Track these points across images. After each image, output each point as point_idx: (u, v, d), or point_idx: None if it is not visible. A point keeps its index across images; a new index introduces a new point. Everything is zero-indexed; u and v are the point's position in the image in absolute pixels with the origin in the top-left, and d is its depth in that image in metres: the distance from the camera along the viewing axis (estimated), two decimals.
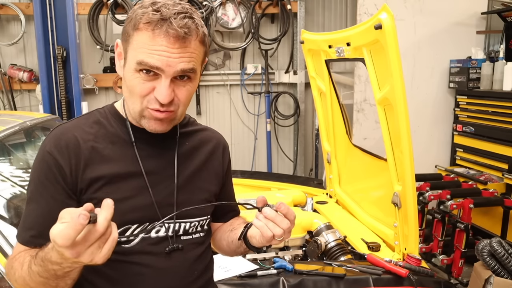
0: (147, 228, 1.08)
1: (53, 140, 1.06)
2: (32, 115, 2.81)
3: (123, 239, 1.07)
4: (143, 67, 0.99)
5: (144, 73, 1.00)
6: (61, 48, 4.07)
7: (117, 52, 1.08)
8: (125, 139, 1.11)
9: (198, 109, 4.86)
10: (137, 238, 1.08)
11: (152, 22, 0.97)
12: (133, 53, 1.00)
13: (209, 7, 4.41)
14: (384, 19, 1.70)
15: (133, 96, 1.03)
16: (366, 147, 2.52)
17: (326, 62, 2.47)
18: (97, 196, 1.03)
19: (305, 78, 4.81)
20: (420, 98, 3.61)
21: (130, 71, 1.01)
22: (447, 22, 3.62)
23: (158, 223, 1.04)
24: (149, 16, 0.97)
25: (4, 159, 2.27)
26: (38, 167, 1.07)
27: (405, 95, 1.77)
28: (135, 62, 0.99)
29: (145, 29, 0.97)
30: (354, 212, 2.57)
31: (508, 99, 3.14)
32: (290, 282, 1.76)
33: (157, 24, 0.96)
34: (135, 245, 1.08)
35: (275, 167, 5.20)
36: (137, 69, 0.99)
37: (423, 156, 3.50)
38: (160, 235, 1.11)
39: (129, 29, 1.01)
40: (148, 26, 0.97)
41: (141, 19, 0.98)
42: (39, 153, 1.08)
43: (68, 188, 1.04)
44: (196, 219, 1.17)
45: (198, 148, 1.22)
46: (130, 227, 1.08)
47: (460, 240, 2.72)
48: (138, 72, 1.00)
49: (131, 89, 1.03)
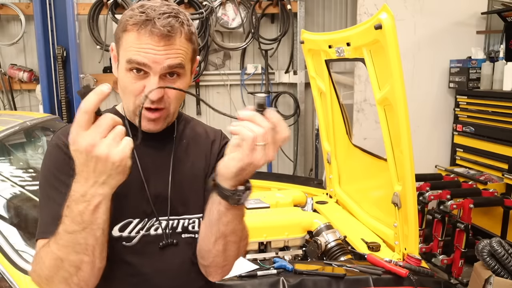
0: (146, 226, 1.09)
1: (63, 135, 1.07)
2: (32, 115, 2.82)
3: (125, 234, 1.07)
4: (132, 66, 1.03)
5: (134, 72, 1.04)
6: (61, 48, 4.07)
7: (112, 55, 1.13)
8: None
9: (198, 109, 4.86)
10: (138, 236, 1.09)
11: (138, 23, 1.02)
12: (123, 53, 1.05)
13: (209, 7, 4.41)
14: (384, 19, 1.70)
15: (126, 95, 1.08)
16: (366, 147, 2.52)
17: (326, 62, 2.47)
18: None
19: (305, 78, 4.81)
20: (420, 98, 3.61)
21: (122, 71, 1.06)
22: (447, 22, 3.61)
23: (155, 220, 1.07)
24: (136, 18, 1.02)
25: (4, 159, 2.27)
26: (50, 161, 1.07)
27: (405, 95, 1.77)
28: (125, 61, 1.03)
29: (132, 30, 1.03)
30: (354, 212, 2.57)
31: (508, 99, 3.14)
32: (290, 282, 1.76)
33: (142, 25, 1.01)
34: (136, 243, 1.09)
35: (275, 167, 5.20)
36: (127, 68, 1.04)
37: (423, 156, 3.50)
38: (158, 232, 1.12)
39: (119, 31, 1.06)
40: (134, 27, 1.02)
41: (128, 21, 1.04)
42: (49, 150, 1.08)
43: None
44: (195, 216, 1.17)
45: (194, 145, 1.23)
46: (130, 223, 1.08)
47: (460, 240, 2.72)
48: (129, 72, 1.04)
49: (124, 88, 1.07)
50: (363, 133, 3.46)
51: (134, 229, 1.09)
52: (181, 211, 1.14)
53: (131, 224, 1.09)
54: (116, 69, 1.11)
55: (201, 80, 4.79)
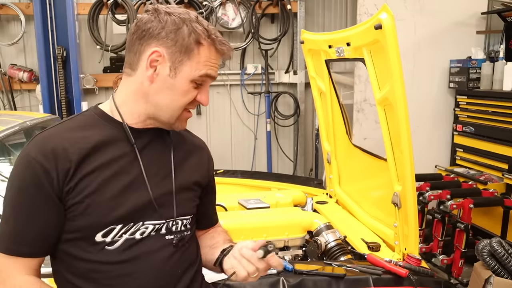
0: (139, 229, 1.12)
1: (38, 146, 1.06)
2: (32, 115, 2.82)
3: (107, 239, 1.09)
4: (205, 79, 1.12)
5: (196, 83, 1.11)
6: (61, 48, 4.07)
7: (152, 59, 1.09)
8: (116, 139, 1.13)
9: (198, 109, 4.86)
10: (121, 239, 1.10)
11: (213, 39, 1.09)
12: (195, 65, 1.09)
13: (209, 7, 4.41)
14: (384, 19, 1.70)
15: (178, 102, 1.12)
16: (366, 147, 2.52)
17: (326, 62, 2.47)
18: (85, 194, 1.06)
19: (305, 78, 4.81)
20: (420, 98, 3.61)
21: (185, 80, 1.10)
22: (447, 22, 3.61)
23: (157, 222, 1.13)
24: (207, 32, 1.09)
25: (4, 159, 2.27)
26: (20, 174, 1.06)
27: (405, 95, 1.77)
28: (198, 75, 1.10)
29: (208, 45, 1.09)
30: (354, 212, 2.57)
31: (508, 99, 3.13)
32: (290, 282, 1.76)
33: (216, 42, 1.10)
34: (120, 246, 1.10)
35: (275, 167, 5.20)
36: (194, 80, 1.10)
37: (423, 156, 3.50)
38: (151, 234, 1.14)
39: (191, 42, 1.08)
40: (211, 43, 1.09)
41: (200, 34, 1.08)
42: (21, 161, 1.07)
43: (54, 193, 1.05)
44: (184, 217, 1.21)
45: (189, 151, 1.28)
46: (115, 228, 1.09)
47: (460, 240, 2.71)
48: (192, 83, 1.10)
49: (181, 96, 1.11)
50: (363, 133, 3.46)
51: (120, 231, 1.10)
52: (173, 214, 1.18)
53: (115, 229, 1.10)
54: (152, 75, 1.09)
55: None
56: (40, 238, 1.07)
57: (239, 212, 2.44)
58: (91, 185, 1.06)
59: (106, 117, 1.15)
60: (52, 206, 1.05)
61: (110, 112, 1.15)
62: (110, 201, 1.08)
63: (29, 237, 1.06)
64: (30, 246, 1.07)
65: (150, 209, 1.13)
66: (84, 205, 1.06)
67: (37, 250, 1.08)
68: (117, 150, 1.11)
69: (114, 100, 1.15)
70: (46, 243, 1.09)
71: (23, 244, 1.06)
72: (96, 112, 1.16)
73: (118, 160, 1.10)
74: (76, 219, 1.07)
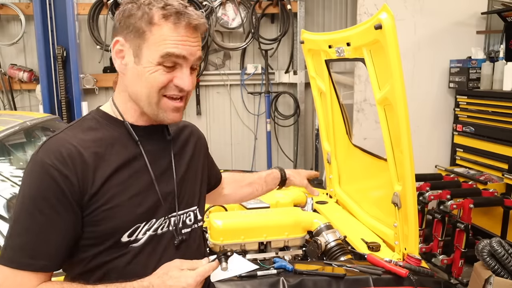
0: (154, 226, 1.12)
1: (52, 152, 1.02)
2: (32, 115, 2.81)
3: (132, 238, 1.09)
4: (169, 59, 1.03)
5: (165, 65, 1.04)
6: (61, 48, 4.07)
7: (117, 49, 1.09)
8: (123, 140, 1.12)
9: (198, 109, 4.86)
10: (145, 236, 1.11)
11: (170, 15, 1.01)
12: (153, 47, 1.03)
13: (209, 7, 4.41)
14: (384, 19, 1.70)
15: (150, 89, 1.06)
16: (366, 147, 2.52)
17: (326, 62, 2.47)
18: (109, 197, 1.05)
19: (305, 78, 4.81)
20: (420, 98, 3.61)
21: (148, 65, 1.04)
22: (447, 22, 3.61)
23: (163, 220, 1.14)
24: (164, 10, 1.01)
25: (4, 159, 2.27)
26: (36, 182, 1.01)
27: (405, 95, 1.77)
28: (159, 56, 1.03)
29: (165, 23, 1.02)
30: (354, 212, 2.57)
31: (508, 99, 3.13)
32: (290, 282, 1.76)
33: (176, 17, 1.01)
34: (143, 243, 1.11)
35: None
36: (159, 62, 1.03)
37: (423, 156, 3.50)
38: (164, 230, 1.15)
39: (142, 25, 1.03)
40: (167, 20, 1.02)
41: (153, 13, 1.02)
42: (34, 168, 1.02)
43: (74, 200, 1.02)
44: (191, 209, 1.23)
45: (187, 142, 1.28)
46: (139, 225, 1.10)
47: (460, 240, 2.71)
48: (159, 65, 1.04)
49: (150, 82, 1.05)
50: (363, 133, 3.46)
51: (142, 229, 1.11)
52: (183, 206, 1.19)
53: (140, 227, 1.10)
54: (123, 65, 1.08)
55: (201, 80, 4.79)
56: (57, 250, 1.03)
57: (239, 212, 2.44)
58: (113, 188, 1.05)
59: (109, 118, 1.14)
60: (71, 214, 1.02)
61: (113, 113, 1.15)
62: (132, 200, 1.08)
63: (46, 249, 1.01)
64: (47, 260, 1.01)
65: (162, 204, 1.14)
66: (110, 208, 1.04)
67: (53, 263, 1.03)
68: (127, 149, 1.11)
69: (113, 100, 1.15)
70: (62, 255, 1.04)
71: (39, 257, 1.00)
72: (99, 114, 1.16)
73: (131, 159, 1.11)
74: (100, 223, 1.04)
